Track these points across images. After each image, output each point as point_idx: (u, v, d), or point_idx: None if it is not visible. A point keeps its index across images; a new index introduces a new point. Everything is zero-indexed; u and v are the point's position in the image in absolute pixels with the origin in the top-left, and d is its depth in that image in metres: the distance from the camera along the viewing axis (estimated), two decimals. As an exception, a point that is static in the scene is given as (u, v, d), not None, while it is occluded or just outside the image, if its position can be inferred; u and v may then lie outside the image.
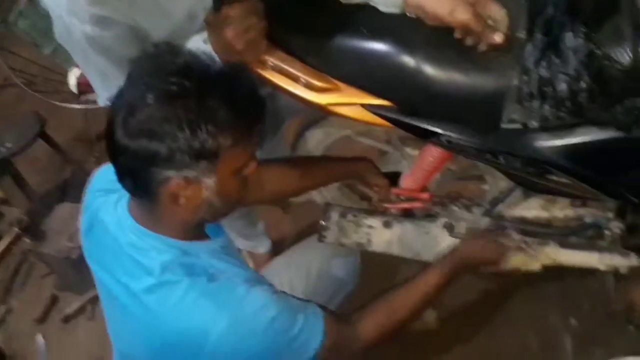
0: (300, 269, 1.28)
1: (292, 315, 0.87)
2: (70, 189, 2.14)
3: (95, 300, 1.85)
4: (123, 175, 0.82)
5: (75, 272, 1.83)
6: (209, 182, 0.81)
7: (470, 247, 1.18)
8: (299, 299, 0.94)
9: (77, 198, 2.02)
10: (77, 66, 1.74)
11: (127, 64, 1.03)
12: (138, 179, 0.81)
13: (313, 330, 0.89)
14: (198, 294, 0.83)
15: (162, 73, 0.77)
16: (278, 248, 1.68)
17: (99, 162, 2.12)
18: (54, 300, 1.93)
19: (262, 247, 1.72)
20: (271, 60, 1.08)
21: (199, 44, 1.04)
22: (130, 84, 0.80)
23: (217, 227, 0.99)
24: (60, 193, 2.14)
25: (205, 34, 1.04)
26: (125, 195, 0.90)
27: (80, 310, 1.88)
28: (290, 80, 1.09)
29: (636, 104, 0.90)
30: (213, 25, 1.02)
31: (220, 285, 0.85)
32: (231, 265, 0.91)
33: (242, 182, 0.86)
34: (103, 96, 1.11)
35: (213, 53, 1.03)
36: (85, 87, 1.92)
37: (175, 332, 0.84)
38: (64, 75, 2.00)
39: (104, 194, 0.95)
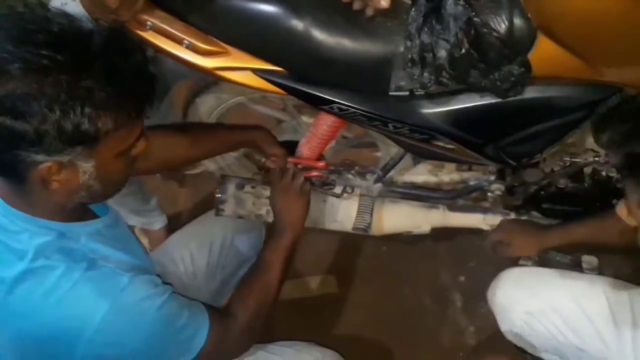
0: (203, 243, 1.24)
1: (177, 308, 0.84)
2: None
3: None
4: None
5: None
6: (87, 166, 0.72)
7: (276, 193, 1.19)
8: (183, 296, 0.89)
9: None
10: None
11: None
12: (2, 160, 0.71)
13: (198, 325, 0.87)
14: (75, 281, 0.76)
15: (32, 40, 0.66)
16: (174, 223, 1.61)
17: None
18: None
19: (157, 223, 1.64)
20: (150, 20, 1.00)
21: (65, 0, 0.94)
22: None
23: (102, 204, 0.91)
24: None
25: (73, -12, 0.94)
26: None
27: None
28: (173, 42, 1.02)
29: (512, 71, 0.94)
30: (81, -21, 0.93)
31: (101, 273, 0.78)
32: (115, 250, 0.84)
33: (128, 163, 0.78)
34: None
35: (82, 10, 0.93)
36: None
37: (49, 322, 0.76)
38: None
39: None
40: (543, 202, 1.35)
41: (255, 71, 1.06)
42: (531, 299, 1.12)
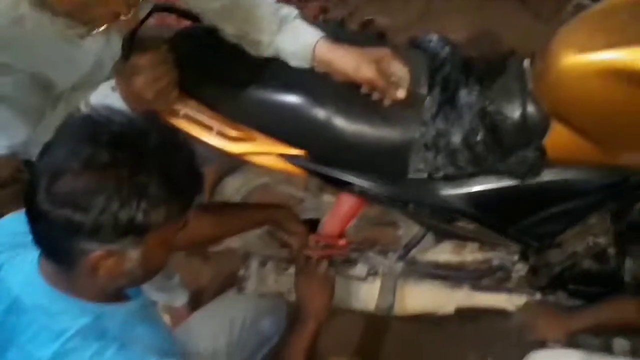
0: (224, 323, 1.24)
1: None
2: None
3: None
4: (41, 239, 0.77)
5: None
6: (134, 253, 0.76)
7: (300, 279, 1.22)
8: None
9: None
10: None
11: (29, 113, 1.00)
12: (56, 246, 0.75)
13: None
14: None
15: (94, 139, 0.72)
16: (197, 300, 1.62)
17: (1, 210, 2.03)
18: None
19: (179, 299, 1.65)
20: (183, 109, 1.07)
21: (107, 91, 1.02)
22: (58, 145, 0.74)
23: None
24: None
25: (113, 82, 1.02)
26: (31, 252, 0.83)
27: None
28: (204, 128, 1.09)
29: (527, 155, 0.97)
30: (122, 74, 1.01)
31: (130, 354, 0.80)
32: (148, 331, 0.87)
33: (169, 250, 0.82)
34: (2, 144, 1.05)
35: (121, 102, 1.01)
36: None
37: None
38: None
39: (9, 249, 0.88)
40: (569, 283, 1.32)
41: (280, 155, 1.11)
42: None
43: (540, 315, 1.27)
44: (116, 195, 0.70)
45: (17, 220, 0.92)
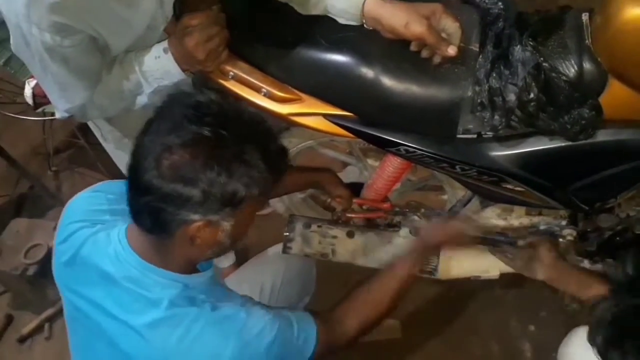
0: (254, 286, 1.28)
1: (289, 328, 0.92)
2: (27, 204, 2.08)
3: (52, 318, 1.79)
4: (141, 212, 0.82)
5: (32, 290, 1.76)
6: (227, 225, 0.82)
7: (429, 230, 1.22)
8: (287, 308, 0.98)
9: (33, 213, 2.00)
10: (32, 77, 1.70)
11: (87, 75, 1.03)
12: (158, 218, 0.80)
13: (308, 336, 0.94)
14: (204, 323, 0.85)
15: (199, 119, 0.77)
16: (242, 261, 1.67)
17: (56, 176, 2.12)
18: (9, 320, 1.85)
19: (226, 261, 1.70)
20: (232, 70, 1.08)
21: (159, 53, 1.04)
22: (162, 124, 0.79)
23: None
24: (16, 208, 2.07)
25: (165, 44, 1.04)
26: (113, 227, 0.90)
27: (37, 329, 1.80)
28: (252, 90, 1.10)
29: (582, 114, 0.94)
30: (174, 34, 1.02)
31: (224, 313, 0.87)
32: (223, 293, 0.94)
33: (253, 222, 0.88)
34: (61, 108, 1.09)
35: (174, 61, 1.03)
36: (41, 98, 1.88)
37: None
38: (19, 86, 1.96)
39: (89, 225, 0.93)
40: (618, 249, 1.30)
41: (327, 116, 1.11)
42: None
43: (545, 250, 1.23)
44: (224, 170, 0.76)
45: (89, 198, 0.98)
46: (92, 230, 0.91)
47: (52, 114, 1.78)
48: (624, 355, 0.76)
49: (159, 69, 1.05)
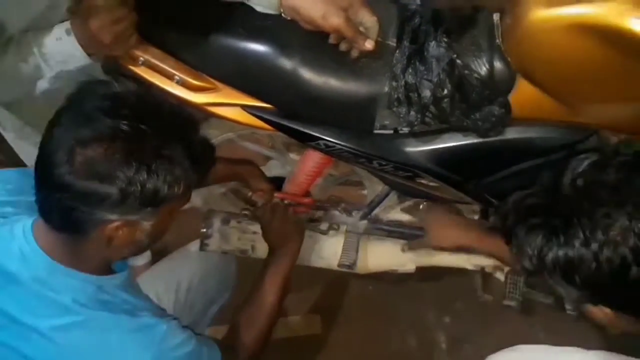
0: (169, 285, 1.24)
1: (199, 348, 0.89)
2: None
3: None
4: (52, 210, 0.76)
5: None
6: (147, 224, 0.78)
7: (271, 227, 1.21)
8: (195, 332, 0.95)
9: None
10: None
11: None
12: (71, 217, 0.74)
13: (214, 358, 0.93)
14: (123, 330, 0.81)
15: (115, 112, 0.72)
16: (159, 258, 1.60)
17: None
18: None
19: (141, 259, 1.62)
20: (143, 55, 1.03)
21: (61, 34, 0.96)
22: (73, 116, 0.73)
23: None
24: None
25: (68, 24, 0.96)
26: (17, 221, 0.82)
27: None
28: (164, 77, 1.05)
29: (492, 111, 0.97)
30: (77, 15, 0.95)
31: (143, 322, 0.83)
32: (138, 299, 0.89)
33: (172, 221, 0.84)
34: None
35: (77, 45, 0.96)
36: None
37: None
38: None
39: None
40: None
41: (245, 107, 1.08)
42: None
43: (435, 221, 1.28)
44: (144, 168, 0.71)
45: None
46: None
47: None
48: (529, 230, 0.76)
49: (60, 52, 0.97)
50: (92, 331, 0.79)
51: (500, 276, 1.37)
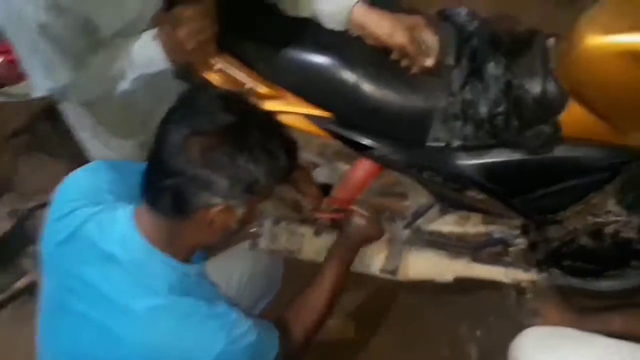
0: (220, 278, 1.28)
1: (262, 335, 0.95)
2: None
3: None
4: (162, 194, 0.82)
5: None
6: (240, 211, 0.84)
7: (352, 228, 1.25)
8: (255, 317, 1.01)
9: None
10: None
11: (74, 56, 1.03)
12: (180, 200, 0.81)
13: (273, 344, 0.99)
14: (203, 315, 0.87)
15: (227, 108, 0.81)
16: (209, 256, 1.66)
17: (14, 159, 2.04)
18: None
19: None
20: (219, 64, 1.11)
21: (147, 40, 1.05)
22: (189, 109, 0.81)
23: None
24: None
25: (154, 32, 1.05)
26: (118, 208, 0.90)
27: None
28: (236, 84, 1.12)
29: (543, 130, 1.03)
30: (164, 23, 1.04)
31: (218, 310, 0.90)
32: (213, 288, 0.96)
33: (258, 212, 0.91)
34: (43, 87, 1.08)
35: (161, 50, 1.04)
36: (2, 79, 1.82)
37: (177, 349, 0.86)
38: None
39: (90, 204, 0.92)
40: (564, 259, 1.40)
41: (306, 115, 1.16)
42: None
43: (552, 305, 1.27)
44: (252, 158, 0.79)
45: (88, 177, 0.98)
46: (95, 209, 0.91)
47: (11, 96, 1.73)
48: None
49: (145, 56, 1.06)
50: (176, 315, 0.85)
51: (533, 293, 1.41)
